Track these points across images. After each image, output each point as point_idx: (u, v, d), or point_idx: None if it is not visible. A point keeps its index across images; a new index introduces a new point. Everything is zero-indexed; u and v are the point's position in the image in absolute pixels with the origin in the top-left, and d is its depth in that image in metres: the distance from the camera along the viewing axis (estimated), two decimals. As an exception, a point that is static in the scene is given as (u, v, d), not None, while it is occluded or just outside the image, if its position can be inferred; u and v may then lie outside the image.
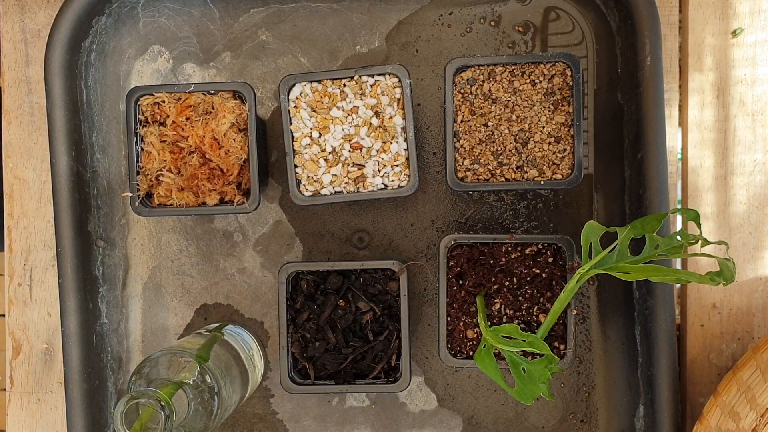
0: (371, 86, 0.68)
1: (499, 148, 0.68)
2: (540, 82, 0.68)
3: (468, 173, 0.69)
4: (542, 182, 0.67)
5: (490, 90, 0.68)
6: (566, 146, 0.68)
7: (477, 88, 0.68)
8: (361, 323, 0.71)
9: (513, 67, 0.68)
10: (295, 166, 0.69)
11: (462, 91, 0.69)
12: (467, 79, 0.69)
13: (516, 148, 0.68)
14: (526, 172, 0.68)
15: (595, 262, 0.61)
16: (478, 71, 0.69)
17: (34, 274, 0.78)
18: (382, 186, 0.69)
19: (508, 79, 0.68)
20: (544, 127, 0.68)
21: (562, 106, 0.68)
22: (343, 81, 0.68)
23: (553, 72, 0.68)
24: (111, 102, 0.76)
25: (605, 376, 0.75)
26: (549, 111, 0.68)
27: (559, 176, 0.68)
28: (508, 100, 0.68)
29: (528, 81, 0.68)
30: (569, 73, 0.68)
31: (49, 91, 0.73)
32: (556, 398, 0.76)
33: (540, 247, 0.70)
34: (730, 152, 0.74)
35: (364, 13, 0.75)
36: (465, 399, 0.76)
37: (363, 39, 0.76)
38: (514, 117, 0.68)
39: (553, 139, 0.68)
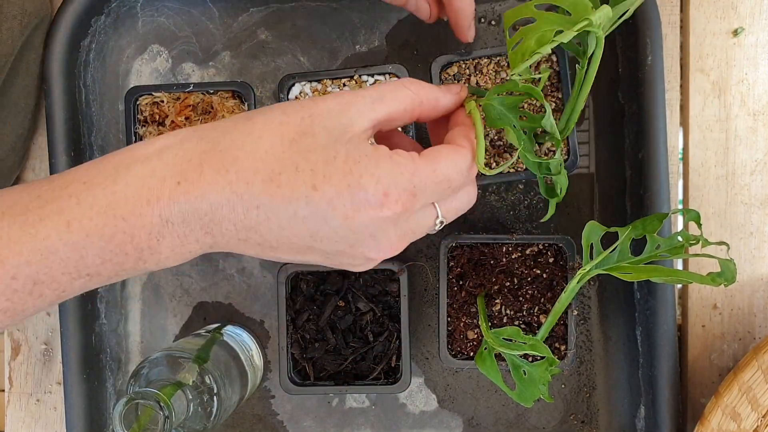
0: (371, 86, 0.68)
1: (492, 139, 0.67)
2: None
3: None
4: None
5: (477, 83, 0.68)
6: None
7: (464, 83, 0.68)
8: (361, 324, 0.71)
9: (498, 58, 0.68)
10: (295, 166, 0.69)
11: None
12: (453, 75, 0.68)
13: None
14: (522, 162, 0.67)
15: (596, 263, 0.61)
16: (463, 66, 0.68)
17: (33, 274, 0.78)
18: (382, 186, 0.69)
19: (494, 70, 0.67)
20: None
21: (552, 92, 0.67)
22: (343, 80, 0.68)
23: (539, 59, 0.67)
24: (110, 102, 0.76)
25: (606, 377, 0.75)
26: None
27: None
28: None
29: None
30: (555, 59, 0.67)
31: (48, 91, 0.72)
32: (556, 399, 0.75)
33: (541, 247, 0.70)
34: (732, 152, 0.73)
35: (364, 13, 0.75)
36: (465, 400, 0.76)
37: (363, 38, 0.75)
38: None
39: None
